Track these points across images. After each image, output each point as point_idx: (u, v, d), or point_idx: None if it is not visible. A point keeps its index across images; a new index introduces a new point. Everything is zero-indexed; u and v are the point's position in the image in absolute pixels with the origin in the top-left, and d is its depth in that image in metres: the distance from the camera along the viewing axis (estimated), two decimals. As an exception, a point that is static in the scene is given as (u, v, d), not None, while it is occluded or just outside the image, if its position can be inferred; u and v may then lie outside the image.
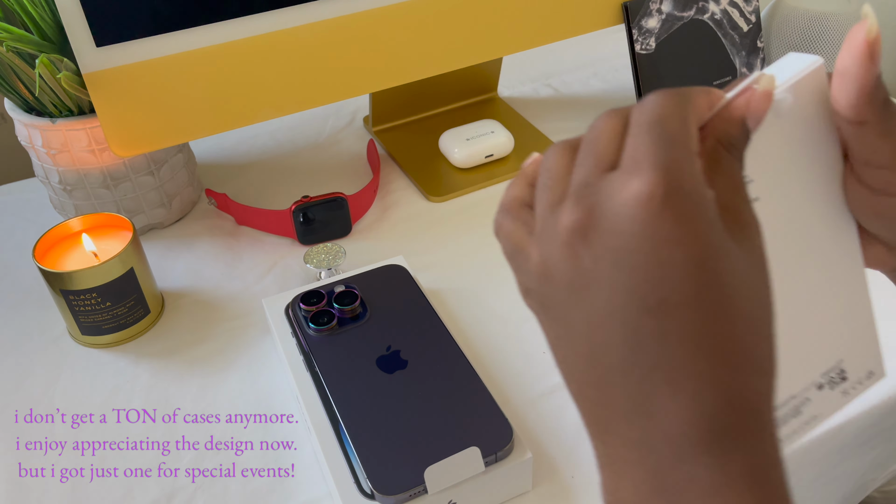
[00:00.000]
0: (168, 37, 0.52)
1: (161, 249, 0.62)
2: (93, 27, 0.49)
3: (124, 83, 0.52)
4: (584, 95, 0.82)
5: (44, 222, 0.65)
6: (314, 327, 0.48)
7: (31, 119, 0.56)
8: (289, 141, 0.76)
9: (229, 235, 0.64)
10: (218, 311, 0.56)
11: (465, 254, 0.60)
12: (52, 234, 0.53)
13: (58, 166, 0.58)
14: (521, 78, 0.85)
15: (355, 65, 0.59)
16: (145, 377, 0.51)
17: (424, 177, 0.69)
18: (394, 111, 0.75)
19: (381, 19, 0.58)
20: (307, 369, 0.46)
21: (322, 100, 0.60)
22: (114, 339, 0.53)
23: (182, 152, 0.64)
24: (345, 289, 0.50)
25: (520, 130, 0.74)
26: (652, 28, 0.69)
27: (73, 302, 0.51)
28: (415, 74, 0.62)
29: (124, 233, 0.54)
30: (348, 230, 0.63)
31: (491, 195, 0.67)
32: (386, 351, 0.47)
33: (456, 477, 0.39)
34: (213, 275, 0.60)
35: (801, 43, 0.73)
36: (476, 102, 0.80)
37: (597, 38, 0.91)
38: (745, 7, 0.72)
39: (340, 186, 0.68)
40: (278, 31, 0.55)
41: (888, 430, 0.49)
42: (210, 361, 0.52)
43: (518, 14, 0.64)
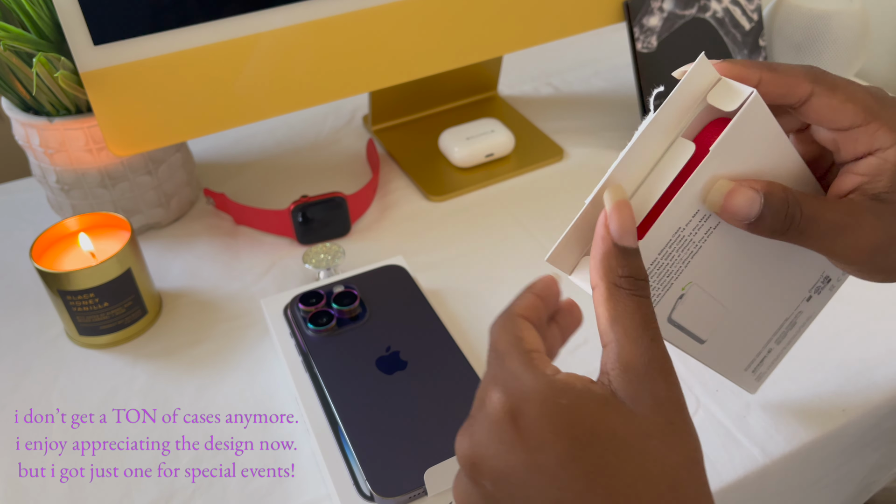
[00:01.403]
0: (166, 35, 0.52)
1: (159, 249, 0.62)
2: (90, 26, 0.49)
3: (122, 82, 0.52)
4: (584, 94, 0.82)
5: (41, 222, 0.65)
6: (313, 328, 0.47)
7: (29, 118, 0.56)
8: (288, 140, 0.76)
9: (228, 235, 0.64)
10: (216, 312, 0.56)
11: (464, 254, 0.60)
12: (49, 233, 0.53)
13: (55, 166, 0.58)
14: (522, 76, 0.85)
15: (354, 63, 0.59)
16: (143, 378, 0.51)
17: (424, 176, 0.69)
18: (393, 110, 0.75)
19: (381, 17, 0.58)
20: (306, 370, 0.46)
21: (321, 98, 0.60)
22: (111, 339, 0.53)
23: (180, 151, 0.64)
24: (344, 289, 0.50)
25: (520, 129, 0.74)
26: (653, 26, 0.68)
27: (70, 302, 0.51)
28: (414, 73, 0.62)
29: (122, 233, 0.54)
30: (347, 230, 0.62)
31: (491, 195, 0.67)
32: (385, 351, 0.46)
33: (456, 479, 0.39)
34: (212, 275, 0.59)
35: (803, 41, 0.73)
36: (476, 101, 0.79)
37: (598, 37, 0.90)
38: (747, 5, 0.71)
39: (340, 186, 0.68)
40: (277, 28, 0.55)
41: (890, 432, 0.49)
42: (209, 362, 0.52)
43: (518, 12, 0.64)
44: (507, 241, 0.61)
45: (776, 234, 0.30)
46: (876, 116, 0.30)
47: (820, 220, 0.30)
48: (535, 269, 0.57)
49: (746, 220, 0.30)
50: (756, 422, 0.46)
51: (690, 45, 0.70)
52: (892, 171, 0.30)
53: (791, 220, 0.30)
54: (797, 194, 0.30)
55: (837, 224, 0.30)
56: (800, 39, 0.73)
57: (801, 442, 0.45)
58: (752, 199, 0.30)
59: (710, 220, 0.32)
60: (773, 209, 0.29)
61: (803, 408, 0.46)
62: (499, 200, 0.66)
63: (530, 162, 0.70)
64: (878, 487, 0.54)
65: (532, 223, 0.63)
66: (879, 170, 0.30)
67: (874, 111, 0.30)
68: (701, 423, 0.46)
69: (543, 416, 0.24)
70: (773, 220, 0.30)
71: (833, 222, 0.30)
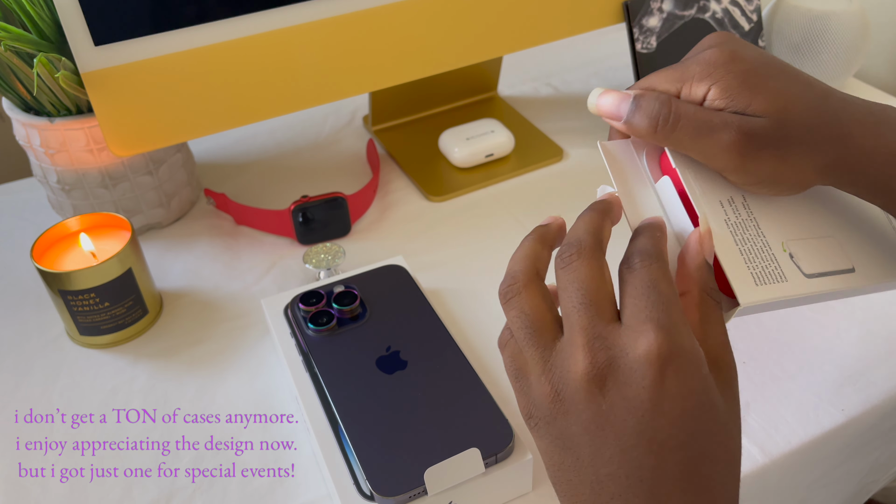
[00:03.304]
0: (167, 35, 0.52)
1: (159, 249, 0.62)
2: (91, 26, 0.49)
3: (123, 82, 0.52)
4: (584, 94, 0.82)
5: (42, 222, 0.65)
6: (313, 328, 0.48)
7: (29, 118, 0.56)
8: (288, 140, 0.76)
9: (228, 235, 0.64)
10: (217, 312, 0.56)
11: (464, 254, 0.60)
12: (50, 234, 0.53)
13: (56, 166, 0.58)
14: (522, 77, 0.85)
15: (355, 64, 0.59)
16: (144, 377, 0.51)
17: (424, 176, 0.69)
18: (393, 110, 0.75)
19: (382, 18, 0.58)
20: (306, 370, 0.46)
21: (321, 99, 0.60)
22: (112, 339, 0.53)
23: (181, 152, 0.64)
24: (344, 289, 0.50)
25: (520, 130, 0.74)
26: (653, 27, 0.68)
27: (71, 302, 0.51)
28: (415, 73, 0.62)
29: (123, 233, 0.54)
30: (348, 230, 0.62)
31: (491, 195, 0.67)
32: (385, 351, 0.46)
33: (456, 478, 0.39)
34: (212, 275, 0.59)
35: (802, 42, 0.73)
36: (476, 101, 0.80)
37: (597, 37, 0.91)
38: (747, 6, 0.71)
39: (340, 186, 0.68)
40: (277, 29, 0.55)
41: (889, 432, 0.49)
42: (209, 361, 0.52)
43: (518, 13, 0.64)
44: (507, 241, 0.61)
45: (652, 131, 0.33)
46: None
47: (690, 118, 0.33)
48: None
49: (618, 118, 0.35)
50: (755, 421, 0.46)
51: (690, 46, 0.70)
52: (737, 88, 0.33)
53: (660, 120, 0.33)
54: (668, 96, 0.34)
55: (706, 122, 0.33)
56: (799, 40, 0.73)
57: (801, 441, 0.45)
58: (619, 98, 0.35)
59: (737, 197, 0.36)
60: (644, 108, 0.34)
61: (802, 407, 0.46)
62: (499, 200, 0.66)
63: (530, 162, 0.70)
64: (878, 487, 0.54)
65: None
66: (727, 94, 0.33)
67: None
68: (700, 422, 0.46)
69: (690, 376, 0.28)
70: (643, 116, 0.33)
71: (702, 120, 0.33)
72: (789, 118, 0.33)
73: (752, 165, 0.33)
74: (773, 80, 0.33)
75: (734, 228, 0.35)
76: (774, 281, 0.35)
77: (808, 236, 0.38)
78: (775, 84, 0.33)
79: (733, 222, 0.35)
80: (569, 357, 0.29)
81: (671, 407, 0.28)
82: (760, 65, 0.34)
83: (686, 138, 0.33)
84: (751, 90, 0.33)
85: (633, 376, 0.28)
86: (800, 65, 0.74)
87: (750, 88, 0.33)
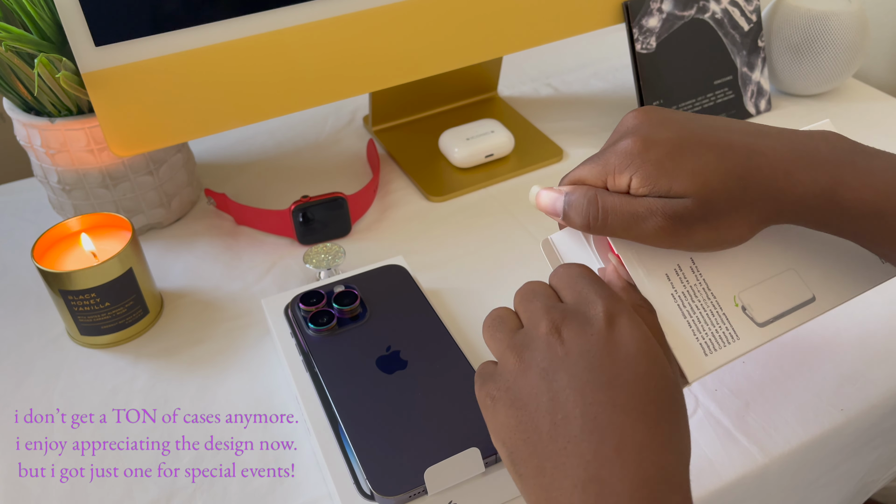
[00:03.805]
0: (167, 36, 0.52)
1: (160, 249, 0.62)
2: (92, 27, 0.49)
3: (123, 83, 0.52)
4: (584, 95, 0.82)
5: (42, 222, 0.65)
6: (314, 327, 0.48)
7: (30, 119, 0.56)
8: (288, 140, 0.76)
9: (228, 235, 0.64)
10: (217, 312, 0.56)
11: (464, 254, 0.60)
12: (50, 234, 0.53)
13: (56, 166, 0.58)
14: (522, 77, 0.85)
15: (355, 64, 0.59)
16: (144, 377, 0.51)
17: (424, 176, 0.69)
18: (394, 111, 0.75)
19: (381, 18, 0.58)
20: (307, 370, 0.46)
21: (322, 99, 0.60)
22: (113, 339, 0.53)
23: (181, 152, 0.64)
24: (344, 289, 0.50)
25: (520, 130, 0.74)
26: (652, 27, 0.68)
27: (71, 302, 0.51)
28: (415, 74, 0.62)
29: (123, 233, 0.54)
30: (348, 230, 0.63)
31: (491, 195, 0.67)
32: (386, 351, 0.46)
33: (456, 478, 0.39)
34: (213, 275, 0.59)
35: (802, 42, 0.73)
36: (476, 102, 0.80)
37: (597, 38, 0.91)
38: (746, 6, 0.72)
39: (340, 186, 0.68)
40: (277, 30, 0.55)
41: (889, 431, 0.49)
42: (209, 361, 0.52)
43: (518, 13, 0.64)
44: (507, 241, 0.61)
45: (586, 227, 0.36)
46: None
47: (618, 211, 0.35)
48: (536, 268, 0.58)
49: (556, 216, 0.37)
50: (755, 421, 0.46)
51: (689, 46, 0.70)
52: (654, 174, 0.34)
53: (590, 217, 0.36)
54: (597, 192, 0.36)
55: (632, 213, 0.35)
56: (798, 40, 0.73)
57: (800, 441, 0.45)
58: (554, 198, 0.37)
59: (685, 262, 0.37)
60: (574, 206, 0.36)
61: (802, 407, 0.46)
62: (499, 200, 0.66)
63: (530, 162, 0.70)
64: (878, 487, 0.54)
65: (532, 223, 0.63)
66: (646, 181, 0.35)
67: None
68: (700, 422, 0.46)
69: (636, 326, 0.32)
70: (576, 214, 0.36)
71: (628, 212, 0.35)
72: (712, 194, 0.34)
73: (685, 241, 0.35)
74: (689, 158, 0.34)
75: (682, 300, 0.36)
76: (725, 344, 0.36)
77: (764, 278, 0.38)
78: (692, 163, 0.34)
79: (681, 293, 0.36)
80: (532, 328, 0.33)
81: (622, 349, 0.31)
82: (675, 147, 0.34)
83: (618, 229, 0.35)
84: (668, 175, 0.34)
85: (587, 325, 0.32)
86: (800, 65, 0.74)
87: (667, 174, 0.34)
